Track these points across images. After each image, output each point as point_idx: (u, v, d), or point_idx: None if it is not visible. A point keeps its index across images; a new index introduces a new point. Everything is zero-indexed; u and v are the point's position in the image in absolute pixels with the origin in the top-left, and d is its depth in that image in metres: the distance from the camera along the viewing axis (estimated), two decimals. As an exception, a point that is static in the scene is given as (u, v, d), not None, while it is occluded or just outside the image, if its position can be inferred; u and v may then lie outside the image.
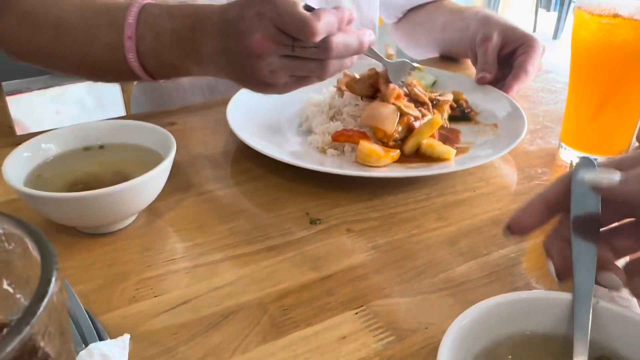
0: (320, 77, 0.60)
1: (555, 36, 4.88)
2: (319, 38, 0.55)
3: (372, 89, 0.70)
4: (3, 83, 1.03)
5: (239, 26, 0.57)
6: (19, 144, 0.70)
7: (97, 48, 0.67)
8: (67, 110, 2.59)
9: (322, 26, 0.54)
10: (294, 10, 0.54)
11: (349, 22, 0.58)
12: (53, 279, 0.17)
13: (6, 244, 0.20)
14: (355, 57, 0.61)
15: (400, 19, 1.17)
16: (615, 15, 0.57)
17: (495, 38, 0.85)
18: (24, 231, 0.20)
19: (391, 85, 0.68)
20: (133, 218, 0.56)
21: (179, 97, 0.98)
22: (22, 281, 0.20)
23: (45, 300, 0.16)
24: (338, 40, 0.56)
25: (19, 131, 1.02)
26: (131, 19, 0.63)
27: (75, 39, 0.68)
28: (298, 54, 0.57)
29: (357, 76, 0.72)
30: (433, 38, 1.05)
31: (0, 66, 1.02)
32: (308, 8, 0.56)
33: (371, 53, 0.65)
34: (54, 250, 0.18)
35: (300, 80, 0.60)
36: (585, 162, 0.39)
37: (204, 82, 0.98)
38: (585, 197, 0.39)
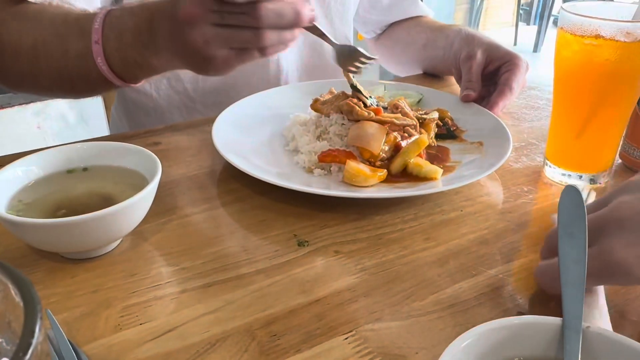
0: (261, 51, 0.58)
1: (535, 49, 4.97)
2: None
3: (340, 111, 0.70)
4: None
5: (176, 2, 0.58)
6: (1, 165, 0.70)
7: (70, 59, 0.68)
8: (49, 126, 2.56)
9: None
10: None
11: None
12: (37, 330, 0.16)
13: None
14: (296, 31, 0.59)
15: (379, 36, 1.18)
16: (597, 36, 0.58)
17: (479, 56, 0.86)
18: (6, 275, 0.19)
19: (368, 103, 0.69)
20: (118, 242, 0.55)
21: (156, 117, 0.98)
22: (3, 325, 0.20)
23: (30, 352, 0.15)
24: (269, 6, 0.55)
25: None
26: (97, 24, 0.65)
27: (50, 55, 0.69)
28: (228, 21, 0.55)
29: (320, 97, 0.73)
30: (415, 55, 1.05)
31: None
32: None
33: (314, 30, 0.63)
34: (38, 297, 0.18)
35: (240, 54, 0.58)
36: (571, 191, 0.39)
37: (181, 102, 0.97)
38: (572, 224, 0.39)
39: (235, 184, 0.66)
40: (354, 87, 0.71)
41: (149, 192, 0.51)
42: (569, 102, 0.65)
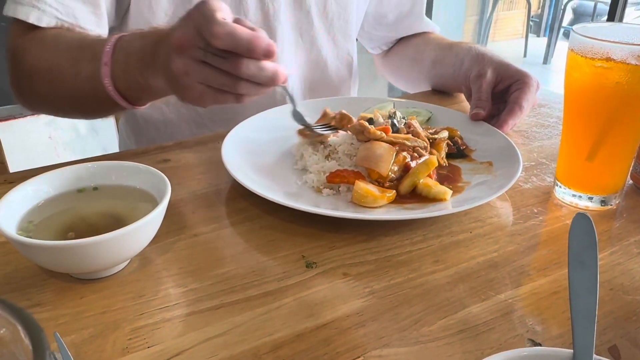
0: (236, 98, 0.60)
1: (545, 61, 4.96)
2: (217, 41, 0.55)
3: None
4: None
5: (173, 27, 0.60)
6: (12, 182, 0.70)
7: (81, 81, 0.71)
8: (60, 136, 2.58)
9: (224, 31, 0.55)
10: (210, 13, 0.56)
11: (267, 52, 0.57)
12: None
13: (-4, 328, 0.20)
14: (270, 88, 0.61)
15: (386, 52, 1.18)
16: (608, 59, 0.58)
17: (490, 75, 0.86)
18: (17, 318, 0.19)
19: (378, 123, 0.69)
20: (126, 262, 0.55)
21: (165, 131, 0.99)
22: (13, 364, 0.20)
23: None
24: (249, 61, 0.57)
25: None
26: (108, 47, 0.67)
27: (64, 77, 0.73)
28: (210, 61, 0.57)
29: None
30: (424, 73, 1.05)
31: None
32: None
33: (284, 90, 0.66)
34: (47, 342, 0.18)
35: (216, 93, 0.60)
36: (582, 219, 0.39)
37: (189, 117, 0.98)
38: (583, 253, 0.39)
39: (244, 203, 0.66)
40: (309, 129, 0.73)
41: (158, 214, 0.51)
42: (580, 124, 0.64)
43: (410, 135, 0.69)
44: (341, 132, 0.72)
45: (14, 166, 1.09)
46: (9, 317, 0.20)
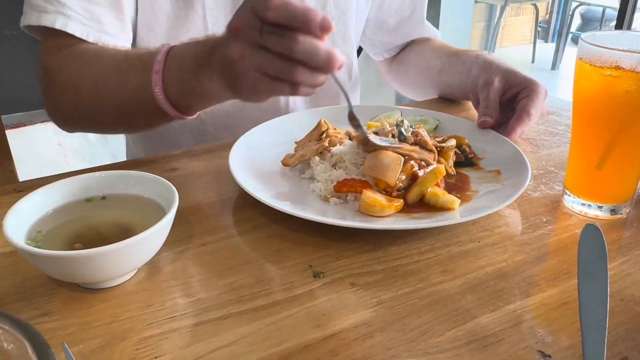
0: (292, 87, 0.57)
1: (553, 67, 4.94)
2: (271, 12, 0.53)
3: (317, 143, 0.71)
4: (6, 116, 1.04)
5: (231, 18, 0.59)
6: (21, 190, 0.71)
7: (128, 91, 0.71)
8: (69, 143, 2.60)
9: (278, 2, 0.53)
10: None
11: (323, 25, 0.55)
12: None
13: (4, 344, 0.20)
14: (325, 76, 0.58)
15: (392, 60, 1.18)
16: (617, 68, 0.57)
17: (497, 83, 0.85)
18: (24, 334, 0.19)
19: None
20: (134, 272, 0.55)
21: (170, 138, 1.00)
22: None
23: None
24: (306, 37, 0.54)
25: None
26: (160, 56, 0.67)
27: (110, 89, 0.73)
28: (265, 42, 0.55)
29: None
30: (430, 81, 1.05)
31: (4, 100, 1.03)
32: None
33: (336, 81, 0.61)
34: (54, 358, 0.18)
35: (271, 82, 0.58)
36: (592, 230, 0.39)
37: (192, 124, 0.99)
38: (592, 264, 0.38)
39: (252, 212, 0.66)
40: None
41: (165, 224, 0.51)
42: (589, 133, 0.64)
43: (417, 147, 0.69)
44: (347, 141, 0.72)
45: (23, 173, 1.10)
46: (16, 332, 0.20)
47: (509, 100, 0.86)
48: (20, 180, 1.08)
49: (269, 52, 0.56)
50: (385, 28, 1.12)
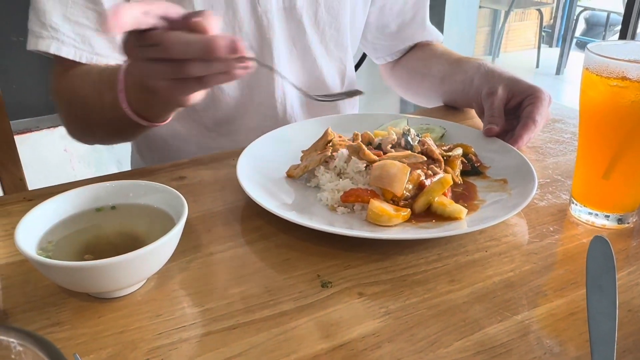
0: (199, 82, 0.58)
1: (558, 72, 4.94)
2: (108, 24, 0.51)
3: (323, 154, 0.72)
4: (13, 122, 1.06)
5: None
6: (31, 199, 0.72)
7: (107, 110, 0.75)
8: (75, 149, 2.61)
9: (109, 13, 0.52)
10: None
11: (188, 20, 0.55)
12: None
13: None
14: (231, 61, 0.57)
15: (393, 66, 1.19)
16: (624, 78, 0.57)
17: (501, 91, 0.86)
18: (44, 351, 0.19)
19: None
20: (143, 281, 0.55)
21: (174, 145, 1.02)
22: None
23: None
24: (174, 36, 0.55)
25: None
26: (120, 75, 0.69)
27: (93, 109, 0.78)
28: (147, 55, 0.57)
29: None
30: (433, 88, 1.06)
31: (10, 106, 1.04)
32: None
33: (262, 64, 0.61)
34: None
35: (178, 84, 0.59)
36: (600, 242, 0.39)
37: (198, 130, 1.01)
38: (601, 277, 0.38)
39: (259, 221, 0.67)
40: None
41: (175, 234, 0.52)
42: (596, 142, 0.64)
43: (409, 152, 0.70)
44: (342, 150, 0.73)
45: (30, 178, 1.11)
46: (34, 348, 0.20)
47: (514, 109, 0.86)
48: (29, 187, 1.09)
49: (156, 61, 0.57)
50: (387, 32, 1.13)
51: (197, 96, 0.63)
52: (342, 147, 0.73)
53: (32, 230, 0.53)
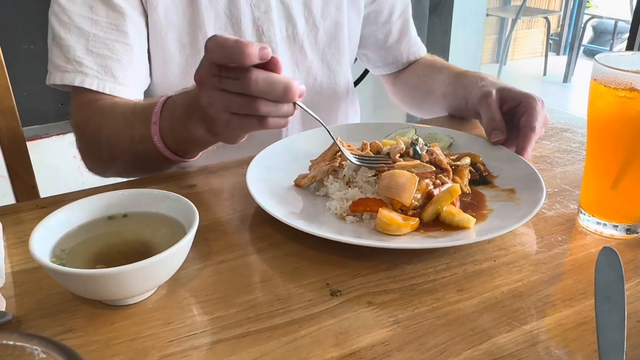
0: (260, 121, 0.61)
1: (565, 80, 4.93)
2: (211, 54, 0.57)
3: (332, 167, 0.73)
4: (23, 129, 1.07)
5: None
6: (44, 207, 0.72)
7: (135, 143, 0.77)
8: (84, 156, 2.63)
9: (214, 42, 0.56)
10: (211, 38, 0.57)
11: (261, 54, 0.57)
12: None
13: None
14: (292, 105, 0.61)
15: (394, 81, 1.20)
16: (632, 89, 0.58)
17: (494, 94, 0.87)
18: (67, 359, 0.20)
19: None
20: (155, 289, 0.56)
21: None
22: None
23: None
24: (259, 74, 0.57)
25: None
26: (157, 108, 0.73)
27: (121, 142, 0.80)
28: (225, 86, 0.59)
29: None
30: (437, 103, 1.08)
31: (21, 113, 1.06)
32: None
33: (301, 107, 0.64)
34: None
35: (240, 120, 0.61)
36: (608, 252, 0.39)
37: None
38: (609, 287, 0.39)
39: (269, 229, 0.67)
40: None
41: (186, 243, 0.52)
42: (604, 153, 0.64)
43: (417, 162, 0.70)
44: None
45: (40, 184, 1.13)
46: (60, 358, 0.21)
47: (506, 115, 0.86)
48: (41, 194, 1.10)
49: (230, 93, 0.60)
50: (374, 42, 1.16)
51: (244, 136, 0.66)
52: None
53: (46, 238, 0.54)
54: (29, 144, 1.07)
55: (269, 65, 0.58)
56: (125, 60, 0.87)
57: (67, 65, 0.85)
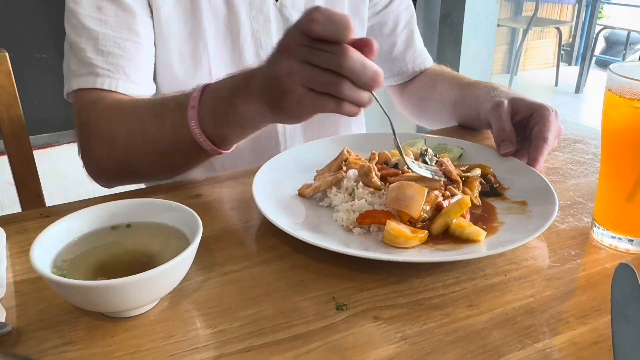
0: (337, 103, 0.59)
1: (577, 90, 4.89)
2: (316, 25, 0.55)
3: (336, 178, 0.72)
4: (33, 137, 1.06)
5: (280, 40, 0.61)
6: (48, 215, 0.72)
7: (166, 129, 0.74)
8: (94, 164, 2.64)
9: (323, 14, 0.55)
10: (310, 9, 0.56)
11: (367, 46, 0.57)
12: None
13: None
14: (370, 95, 0.59)
15: (401, 92, 1.18)
16: (648, 100, 0.56)
17: (506, 104, 0.85)
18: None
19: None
20: (157, 301, 0.55)
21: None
22: None
23: None
24: (355, 53, 0.56)
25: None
26: (196, 93, 0.70)
27: (146, 131, 0.76)
28: (315, 58, 0.57)
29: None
30: (448, 113, 1.06)
31: (31, 121, 1.06)
32: None
33: (379, 103, 0.63)
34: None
35: (316, 97, 0.59)
36: (625, 270, 0.38)
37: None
38: (627, 306, 0.37)
39: (274, 240, 0.66)
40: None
41: (189, 254, 0.51)
42: (619, 164, 0.63)
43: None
44: (352, 171, 0.72)
45: (48, 192, 1.13)
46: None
47: (517, 125, 0.84)
48: (47, 202, 1.10)
49: (316, 67, 0.57)
50: (377, 54, 1.13)
51: (309, 118, 0.63)
52: (356, 167, 0.73)
53: (47, 248, 0.53)
54: (40, 152, 1.07)
55: (364, 47, 0.57)
56: (137, 60, 0.85)
57: (80, 68, 0.83)
